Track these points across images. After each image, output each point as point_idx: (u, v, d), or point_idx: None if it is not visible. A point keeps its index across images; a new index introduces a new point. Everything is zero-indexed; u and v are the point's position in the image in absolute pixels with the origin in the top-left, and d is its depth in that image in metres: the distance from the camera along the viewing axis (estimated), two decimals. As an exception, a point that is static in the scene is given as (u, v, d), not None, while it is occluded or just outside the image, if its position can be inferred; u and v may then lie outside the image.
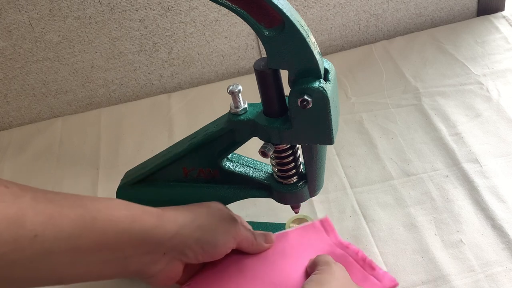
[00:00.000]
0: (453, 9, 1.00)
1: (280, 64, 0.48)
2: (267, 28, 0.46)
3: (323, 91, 0.47)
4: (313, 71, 0.47)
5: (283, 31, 0.46)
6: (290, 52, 0.47)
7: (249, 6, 0.46)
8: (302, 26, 0.46)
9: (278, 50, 0.47)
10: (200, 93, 0.97)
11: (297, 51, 0.46)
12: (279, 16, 0.45)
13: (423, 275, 0.62)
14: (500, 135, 0.76)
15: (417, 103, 0.84)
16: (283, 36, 0.46)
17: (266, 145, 0.54)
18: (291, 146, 0.56)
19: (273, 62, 0.48)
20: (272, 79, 0.50)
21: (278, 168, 0.58)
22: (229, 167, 0.60)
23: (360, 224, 0.69)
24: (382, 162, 0.76)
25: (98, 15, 0.88)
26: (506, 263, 0.61)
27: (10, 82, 0.94)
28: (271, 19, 0.46)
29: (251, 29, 0.94)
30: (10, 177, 0.88)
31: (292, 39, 0.46)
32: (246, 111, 0.55)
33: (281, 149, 0.56)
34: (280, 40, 0.46)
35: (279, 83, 0.51)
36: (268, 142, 0.55)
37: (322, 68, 0.48)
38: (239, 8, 0.46)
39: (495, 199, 0.68)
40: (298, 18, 0.46)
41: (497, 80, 0.85)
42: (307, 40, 0.46)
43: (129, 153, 0.87)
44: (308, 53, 0.46)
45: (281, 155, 0.56)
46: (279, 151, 0.56)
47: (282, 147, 0.56)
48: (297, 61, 0.47)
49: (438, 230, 0.66)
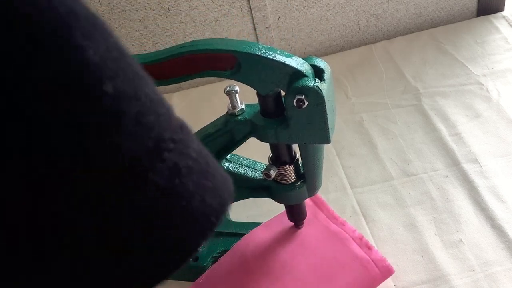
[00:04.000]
0: (453, 9, 1.00)
1: (267, 88, 0.50)
2: (231, 69, 0.48)
3: (318, 90, 0.47)
4: (298, 74, 0.48)
5: (241, 64, 0.48)
6: (262, 74, 0.48)
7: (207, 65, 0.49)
8: (256, 47, 0.47)
9: (254, 79, 0.49)
10: (200, 93, 0.97)
11: (266, 69, 0.48)
12: (230, 55, 0.47)
13: (423, 275, 0.62)
14: (500, 135, 0.76)
15: (417, 103, 0.84)
16: (245, 66, 0.48)
17: (270, 167, 0.56)
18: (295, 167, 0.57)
19: (261, 89, 0.50)
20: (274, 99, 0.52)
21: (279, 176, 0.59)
22: (228, 167, 0.60)
23: (360, 224, 0.69)
24: (382, 162, 0.76)
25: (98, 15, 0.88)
26: (506, 262, 0.61)
27: (11, 82, 0.94)
28: (228, 61, 0.48)
29: (251, 29, 0.95)
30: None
31: (253, 65, 0.48)
32: (243, 111, 0.55)
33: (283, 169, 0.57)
34: (247, 71, 0.48)
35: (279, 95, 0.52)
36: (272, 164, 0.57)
37: (306, 68, 0.48)
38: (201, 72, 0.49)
39: (495, 199, 0.68)
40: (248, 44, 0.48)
41: (497, 80, 0.85)
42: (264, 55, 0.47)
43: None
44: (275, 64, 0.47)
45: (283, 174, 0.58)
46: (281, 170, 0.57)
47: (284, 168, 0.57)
48: (276, 75, 0.48)
49: (438, 230, 0.66)
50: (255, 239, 0.65)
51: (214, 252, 0.67)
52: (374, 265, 0.61)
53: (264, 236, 0.65)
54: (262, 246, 0.64)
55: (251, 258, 0.63)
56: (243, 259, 0.63)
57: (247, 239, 0.65)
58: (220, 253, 0.66)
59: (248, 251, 0.64)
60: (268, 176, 0.56)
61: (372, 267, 0.60)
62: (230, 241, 0.67)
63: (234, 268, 0.63)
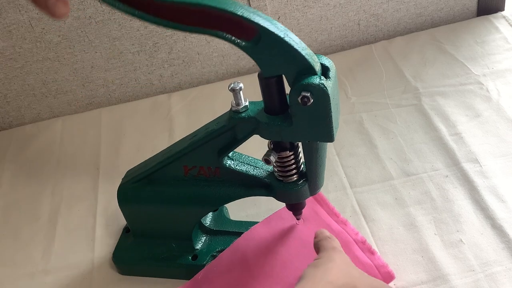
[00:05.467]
0: (453, 9, 1.00)
1: (272, 71, 0.49)
2: (247, 41, 0.47)
3: (323, 87, 0.47)
4: (307, 68, 0.47)
5: (261, 39, 0.46)
6: (276, 56, 0.47)
7: (223, 26, 0.47)
8: (278, 28, 0.47)
9: (265, 58, 0.48)
10: (200, 93, 0.97)
11: (282, 53, 0.47)
12: (253, 26, 0.46)
13: (423, 275, 0.62)
14: (500, 135, 0.76)
15: (417, 103, 0.84)
16: (263, 44, 0.47)
17: (270, 153, 0.55)
18: (294, 152, 0.57)
19: (266, 70, 0.49)
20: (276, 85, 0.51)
21: (279, 168, 0.58)
22: (230, 165, 0.60)
23: (360, 224, 0.69)
24: (382, 162, 0.76)
25: (98, 15, 0.88)
26: (506, 262, 0.61)
27: (10, 82, 0.94)
28: (247, 31, 0.47)
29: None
30: (10, 177, 0.88)
31: (272, 44, 0.47)
32: (247, 108, 0.55)
33: (284, 156, 0.56)
34: (262, 49, 0.47)
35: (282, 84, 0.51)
36: (271, 150, 0.56)
37: (316, 64, 0.48)
38: (216, 31, 0.47)
39: (494, 199, 0.68)
40: (272, 21, 0.47)
41: (497, 80, 0.85)
42: (286, 39, 0.46)
43: (129, 153, 0.88)
44: (292, 52, 0.47)
45: (283, 160, 0.57)
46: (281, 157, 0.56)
47: (285, 154, 0.56)
48: (286, 62, 0.48)
49: (438, 230, 0.66)
50: (255, 237, 0.65)
51: (213, 251, 0.67)
52: (377, 271, 0.60)
53: (264, 233, 0.65)
54: (262, 243, 0.64)
55: (251, 256, 0.63)
56: (243, 256, 0.63)
57: (247, 236, 0.65)
58: (219, 252, 0.66)
59: (248, 249, 0.64)
60: (268, 162, 0.55)
61: (375, 273, 0.60)
62: (229, 240, 0.67)
63: (233, 265, 0.63)
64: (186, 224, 0.66)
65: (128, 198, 0.66)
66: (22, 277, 0.72)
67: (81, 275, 0.70)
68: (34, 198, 0.83)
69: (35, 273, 0.72)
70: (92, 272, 0.71)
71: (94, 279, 0.70)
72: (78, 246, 0.74)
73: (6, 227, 0.79)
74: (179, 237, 0.67)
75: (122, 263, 0.69)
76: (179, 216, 0.65)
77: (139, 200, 0.65)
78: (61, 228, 0.77)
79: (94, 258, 0.72)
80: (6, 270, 0.73)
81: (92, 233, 0.76)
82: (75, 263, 0.72)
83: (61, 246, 0.75)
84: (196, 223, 0.66)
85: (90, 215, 0.78)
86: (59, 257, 0.73)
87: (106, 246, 0.73)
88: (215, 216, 0.71)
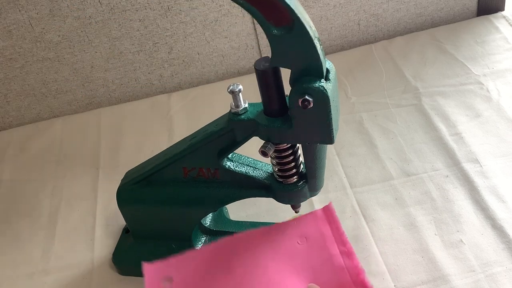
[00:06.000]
0: (453, 9, 1.00)
1: (283, 63, 0.48)
2: (275, 26, 0.46)
3: (324, 90, 0.47)
4: (316, 70, 0.47)
5: (291, 31, 0.46)
6: (296, 52, 0.47)
7: (260, 4, 0.45)
8: (311, 27, 0.46)
9: (284, 49, 0.47)
10: (200, 93, 0.97)
11: (304, 52, 0.46)
12: (289, 16, 0.45)
13: (423, 275, 0.62)
14: (500, 135, 0.76)
15: (417, 103, 0.84)
16: (291, 36, 0.46)
17: (266, 144, 0.54)
18: (291, 145, 0.56)
19: (277, 60, 0.48)
20: (272, 78, 0.50)
21: (278, 167, 0.58)
22: (229, 166, 0.60)
23: (360, 224, 0.69)
24: (382, 162, 0.76)
25: (98, 15, 0.88)
26: (506, 263, 0.61)
27: (10, 82, 0.94)
28: (280, 17, 0.46)
29: (251, 29, 0.94)
30: (10, 177, 0.88)
31: (300, 40, 0.46)
32: (246, 110, 0.55)
33: (281, 148, 0.56)
34: (288, 40, 0.46)
35: (280, 82, 0.51)
36: (268, 141, 0.55)
37: (325, 68, 0.48)
38: (250, 5, 0.46)
39: (495, 199, 0.68)
40: (307, 19, 0.46)
41: (497, 80, 0.85)
42: (314, 41, 0.46)
43: (129, 153, 0.87)
44: (314, 54, 0.46)
45: (281, 154, 0.56)
46: (279, 151, 0.56)
47: (283, 146, 0.56)
48: (301, 61, 0.47)
49: (438, 230, 0.66)
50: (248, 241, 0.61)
51: (214, 252, 0.67)
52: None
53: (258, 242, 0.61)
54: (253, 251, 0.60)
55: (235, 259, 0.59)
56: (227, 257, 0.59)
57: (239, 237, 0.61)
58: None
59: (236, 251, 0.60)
60: (265, 154, 0.54)
61: None
62: (229, 240, 0.66)
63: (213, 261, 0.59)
64: (186, 226, 0.65)
65: (127, 199, 0.65)
66: (22, 277, 0.72)
67: (80, 275, 0.70)
68: (34, 198, 0.83)
69: (34, 273, 0.72)
70: (92, 272, 0.70)
71: (93, 279, 0.70)
72: (77, 246, 0.74)
73: (6, 227, 0.79)
74: (179, 238, 0.67)
75: (122, 264, 0.69)
76: (179, 218, 0.65)
77: (138, 202, 0.65)
78: (61, 228, 0.77)
79: (94, 258, 0.72)
80: (6, 270, 0.73)
81: (92, 233, 0.76)
82: (75, 263, 0.72)
83: (61, 246, 0.75)
84: (196, 224, 0.66)
85: (90, 215, 0.78)
86: (59, 257, 0.73)
87: (105, 246, 0.73)
88: (215, 216, 0.71)
